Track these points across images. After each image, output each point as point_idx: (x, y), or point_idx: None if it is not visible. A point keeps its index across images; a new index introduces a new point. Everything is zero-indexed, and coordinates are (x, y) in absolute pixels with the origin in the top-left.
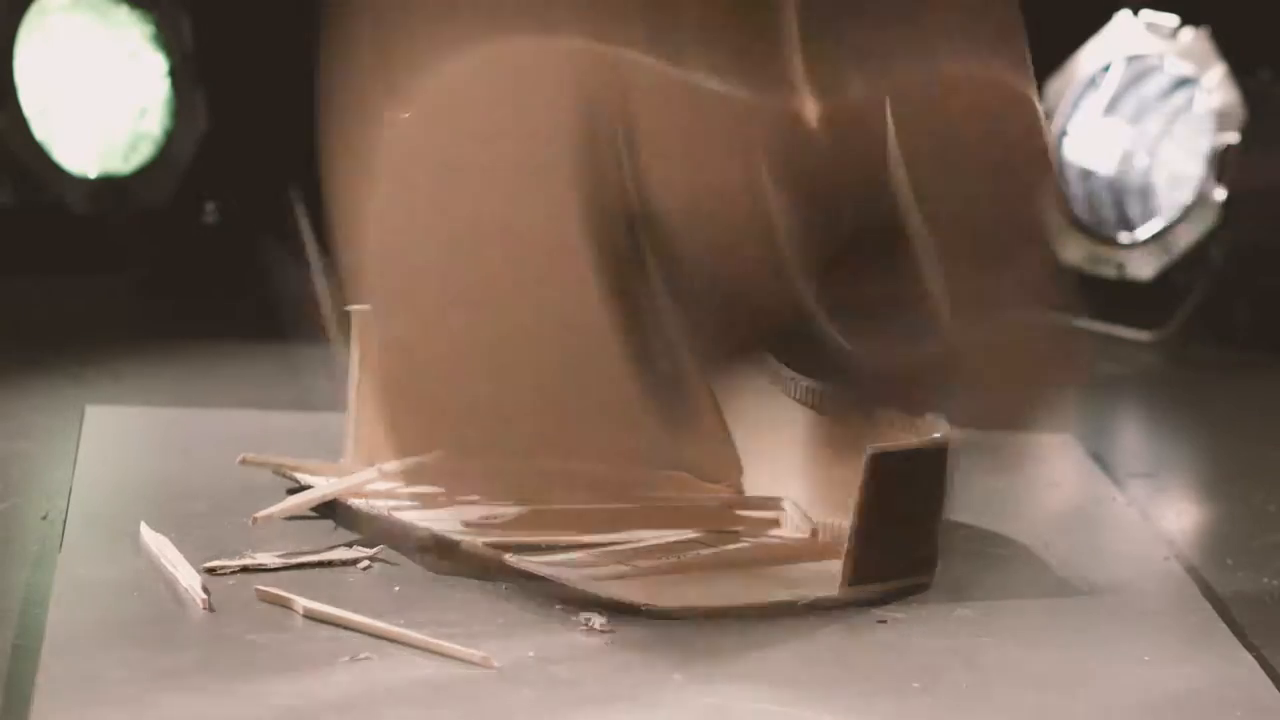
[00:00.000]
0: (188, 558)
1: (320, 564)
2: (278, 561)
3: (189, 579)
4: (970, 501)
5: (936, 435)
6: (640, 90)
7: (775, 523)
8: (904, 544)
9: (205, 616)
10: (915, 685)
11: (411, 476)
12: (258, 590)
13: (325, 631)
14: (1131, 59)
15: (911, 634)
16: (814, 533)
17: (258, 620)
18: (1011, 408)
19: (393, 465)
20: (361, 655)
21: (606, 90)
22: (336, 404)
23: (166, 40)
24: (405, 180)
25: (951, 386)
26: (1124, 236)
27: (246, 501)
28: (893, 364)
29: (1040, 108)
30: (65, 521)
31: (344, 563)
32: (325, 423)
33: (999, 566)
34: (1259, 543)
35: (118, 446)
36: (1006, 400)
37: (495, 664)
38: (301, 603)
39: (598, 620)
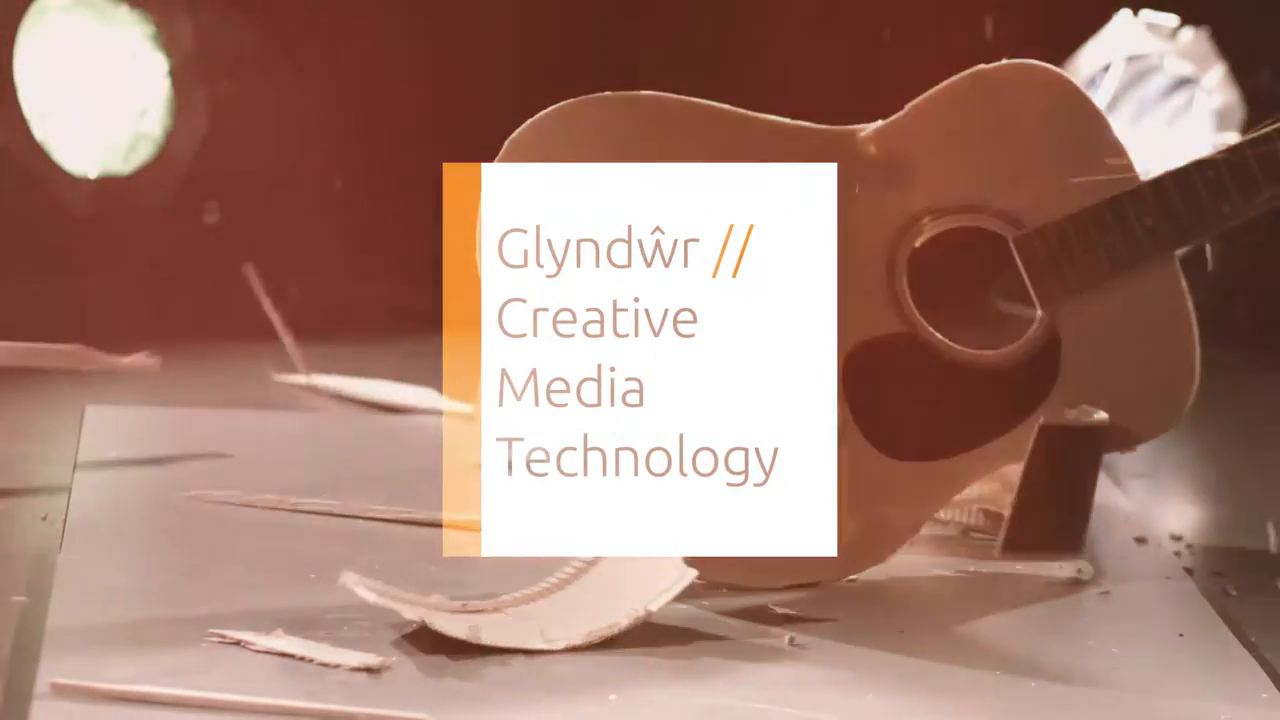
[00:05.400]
0: (189, 559)
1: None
2: (271, 645)
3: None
4: None
5: (1099, 416)
6: None
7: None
8: (1056, 519)
9: (204, 617)
10: (915, 683)
11: None
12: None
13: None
14: (1131, 59)
15: (911, 632)
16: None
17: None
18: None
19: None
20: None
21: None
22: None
23: (166, 40)
24: None
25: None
26: None
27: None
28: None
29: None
30: (65, 521)
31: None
32: (324, 423)
33: (999, 566)
34: (1258, 543)
35: (118, 446)
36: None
37: None
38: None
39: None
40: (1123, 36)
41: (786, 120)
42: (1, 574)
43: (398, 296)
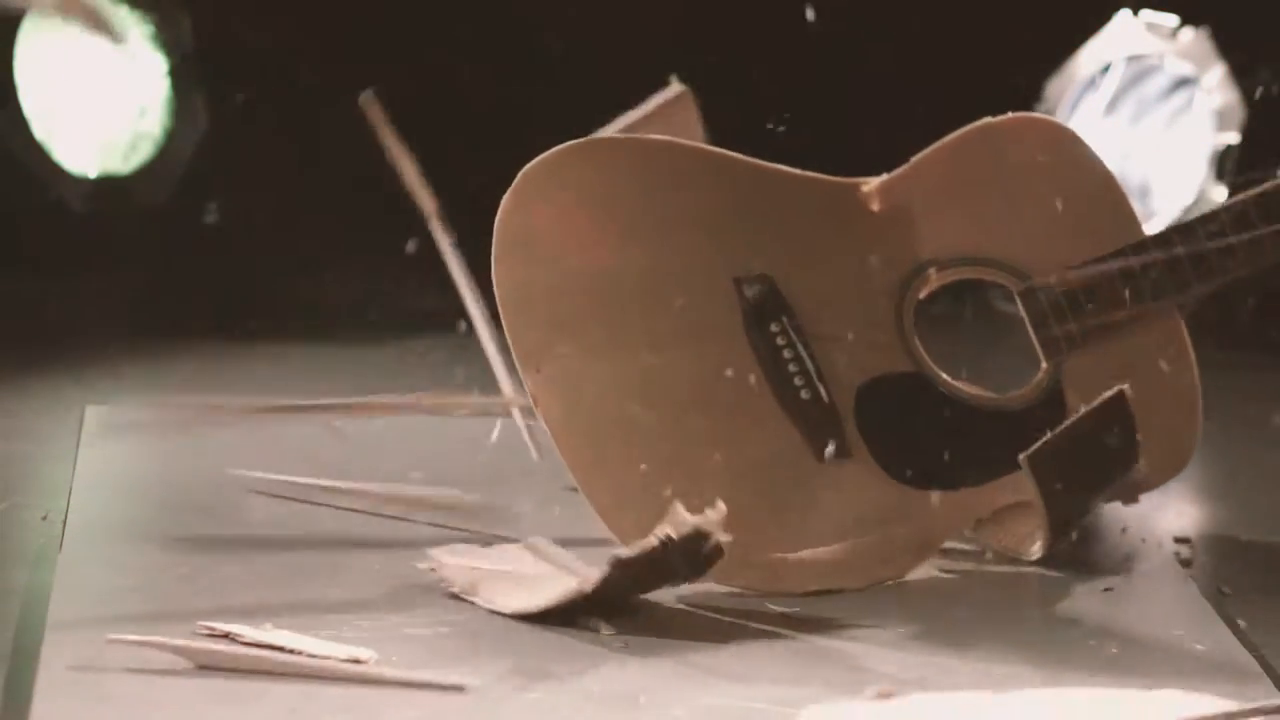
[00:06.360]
0: (189, 559)
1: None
2: (260, 638)
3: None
4: None
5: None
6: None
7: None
8: (1063, 490)
9: (203, 616)
10: (914, 683)
11: None
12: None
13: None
14: (1131, 59)
15: (909, 632)
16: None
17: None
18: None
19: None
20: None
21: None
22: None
23: (166, 40)
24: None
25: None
26: None
27: (245, 501)
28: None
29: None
30: (65, 521)
31: (324, 658)
32: (324, 421)
33: (1000, 566)
34: (1258, 542)
35: (118, 446)
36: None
37: (468, 685)
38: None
39: (604, 626)
40: (1123, 36)
41: (794, 170)
42: (1, 574)
43: (397, 296)
